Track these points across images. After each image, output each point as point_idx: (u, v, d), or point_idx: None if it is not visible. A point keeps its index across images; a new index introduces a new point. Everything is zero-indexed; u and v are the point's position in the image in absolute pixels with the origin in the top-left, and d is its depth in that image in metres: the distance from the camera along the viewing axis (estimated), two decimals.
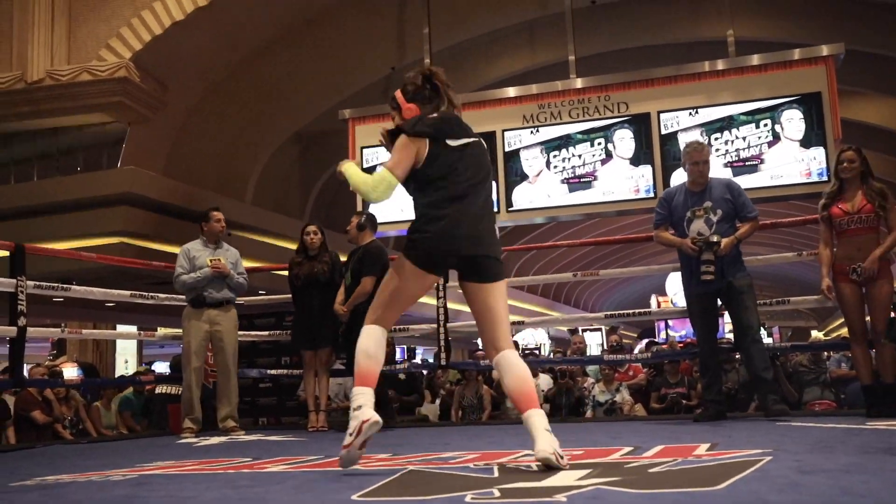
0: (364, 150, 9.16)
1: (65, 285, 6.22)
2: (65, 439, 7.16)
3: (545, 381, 9.26)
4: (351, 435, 2.97)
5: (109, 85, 11.79)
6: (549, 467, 2.81)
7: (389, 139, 3.31)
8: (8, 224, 11.99)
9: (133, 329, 17.08)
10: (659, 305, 26.57)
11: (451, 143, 3.20)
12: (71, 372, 10.06)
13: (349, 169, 3.34)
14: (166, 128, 13.03)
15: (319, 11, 13.06)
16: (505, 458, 3.20)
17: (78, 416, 8.05)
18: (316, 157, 16.09)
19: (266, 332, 7.53)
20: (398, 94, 3.40)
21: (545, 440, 2.90)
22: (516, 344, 12.87)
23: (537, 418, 2.98)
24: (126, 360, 18.93)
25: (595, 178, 8.40)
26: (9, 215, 12.25)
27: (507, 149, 8.69)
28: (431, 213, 3.13)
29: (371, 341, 3.13)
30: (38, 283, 5.81)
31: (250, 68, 13.41)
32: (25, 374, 8.66)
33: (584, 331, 22.91)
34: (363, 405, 3.02)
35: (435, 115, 3.28)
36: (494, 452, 3.47)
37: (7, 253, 5.74)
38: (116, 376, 15.37)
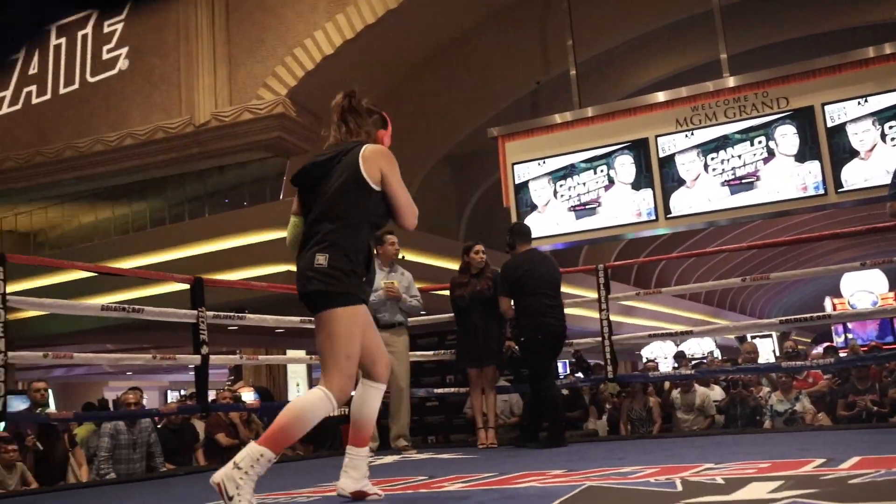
0: (515, 166, 9.18)
1: (240, 314, 6.55)
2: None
3: (714, 392, 8.93)
4: None
5: (268, 121, 12.41)
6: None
7: None
8: (185, 259, 12.80)
9: (303, 353, 17.78)
10: (834, 308, 25.07)
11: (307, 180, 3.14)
12: (249, 396, 10.59)
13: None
14: None
15: (462, 32, 13.26)
16: (687, 472, 3.09)
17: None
18: (467, 177, 16.30)
19: (431, 352, 7.64)
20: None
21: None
22: (682, 354, 12.53)
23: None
24: (297, 384, 19.69)
25: (757, 178, 8.06)
26: (186, 250, 13.08)
27: (661, 154, 8.49)
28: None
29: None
30: (216, 312, 6.15)
31: (398, 94, 13.76)
32: (210, 399, 9.19)
33: (753, 338, 21.95)
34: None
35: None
36: (675, 466, 3.35)
37: (188, 286, 6.10)
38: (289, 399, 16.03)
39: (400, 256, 6.58)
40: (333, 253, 2.91)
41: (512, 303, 5.85)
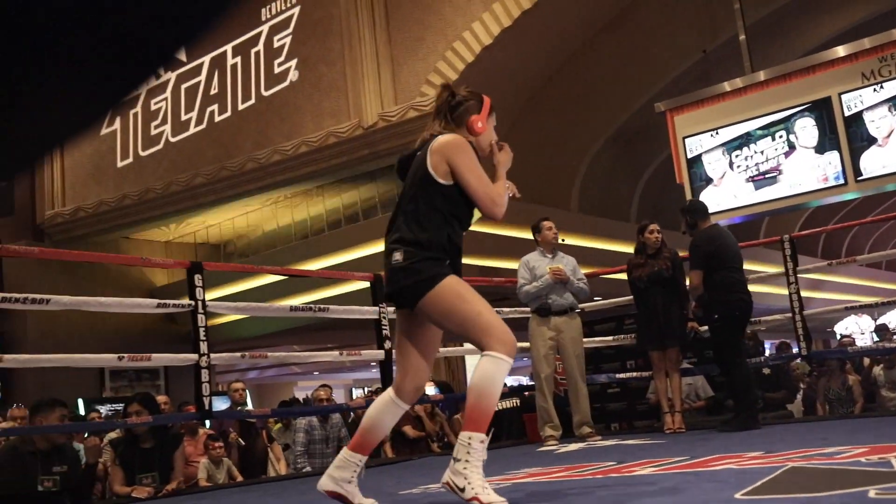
0: (686, 140, 8.85)
1: None
2: (434, 452, 7.68)
3: None
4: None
5: None
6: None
7: None
8: (364, 259, 13.23)
9: None
10: None
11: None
12: (430, 390, 10.81)
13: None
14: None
15: (621, 8, 12.94)
16: None
17: (443, 430, 8.60)
18: (636, 155, 15.91)
19: (610, 337, 7.51)
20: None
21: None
22: (885, 327, 11.64)
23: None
24: None
25: None
26: (363, 249, 13.51)
27: (846, 113, 7.91)
28: None
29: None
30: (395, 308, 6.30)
31: (561, 76, 13.62)
32: None
33: None
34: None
35: None
36: (888, 445, 3.11)
37: (368, 284, 6.30)
38: None
39: (560, 240, 6.51)
40: (408, 248, 2.84)
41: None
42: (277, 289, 13.33)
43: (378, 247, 13.42)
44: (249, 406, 9.85)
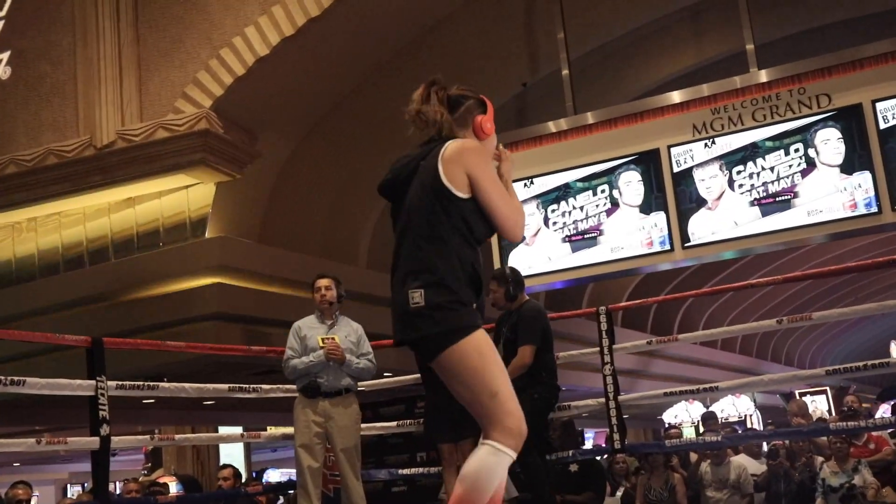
0: None
1: (152, 383, 6.49)
2: None
3: (752, 464, 8.92)
4: None
5: (189, 140, 12.38)
6: None
7: None
8: (84, 314, 12.67)
9: (238, 430, 17.64)
10: None
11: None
12: (173, 487, 10.47)
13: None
14: (260, 185, 13.53)
15: (430, 26, 13.35)
16: None
17: None
18: None
19: (394, 423, 7.60)
20: None
21: None
22: (713, 416, 12.51)
23: None
24: None
25: (795, 196, 8.14)
26: (85, 303, 12.95)
27: (675, 169, 8.56)
28: None
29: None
30: (120, 382, 6.08)
31: (352, 103, 13.80)
32: (117, 492, 9.05)
33: (803, 394, 22.01)
34: None
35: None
36: None
37: (84, 349, 6.04)
38: None
39: (338, 302, 6.54)
40: (427, 285, 2.92)
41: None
42: None
43: (104, 300, 12.96)
44: None
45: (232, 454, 19.71)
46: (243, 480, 17.09)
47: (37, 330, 9.72)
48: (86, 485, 28.09)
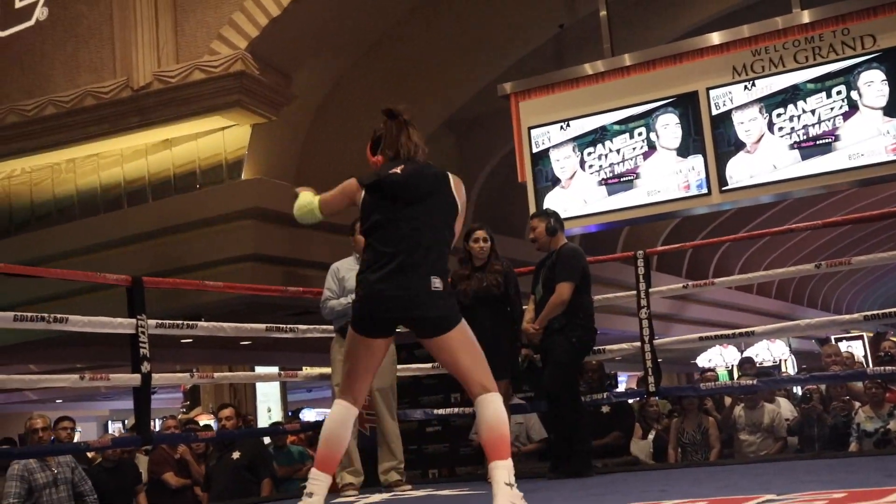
0: (532, 131, 9.16)
1: (191, 322, 6.57)
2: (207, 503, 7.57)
3: (786, 407, 8.92)
4: None
5: (224, 82, 12.41)
6: None
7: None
8: (123, 254, 12.81)
9: (275, 370, 17.83)
10: None
11: (393, 195, 3.95)
12: (211, 422, 10.65)
13: (302, 195, 4.25)
14: (295, 127, 13.56)
15: None
16: None
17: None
18: (475, 146, 16.28)
19: (429, 364, 7.66)
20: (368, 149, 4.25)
21: (504, 495, 3.57)
22: (750, 361, 12.50)
23: (499, 471, 3.62)
24: (269, 409, 19.79)
25: (836, 139, 8.02)
26: (124, 244, 13.08)
27: (714, 112, 8.44)
28: (366, 274, 3.87)
29: (333, 422, 3.83)
30: (160, 321, 6.16)
31: (390, 45, 13.73)
32: (156, 428, 9.23)
33: (838, 340, 21.90)
34: (314, 493, 3.73)
35: (396, 168, 4.01)
36: (727, 499, 3.36)
37: (124, 288, 6.12)
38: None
39: None
40: (444, 277, 3.83)
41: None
42: (13, 290, 12.70)
43: (141, 241, 13.09)
44: None
45: (268, 394, 19.99)
46: (279, 419, 17.36)
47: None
48: (125, 422, 28.63)
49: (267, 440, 8.93)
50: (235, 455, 7.76)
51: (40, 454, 6.73)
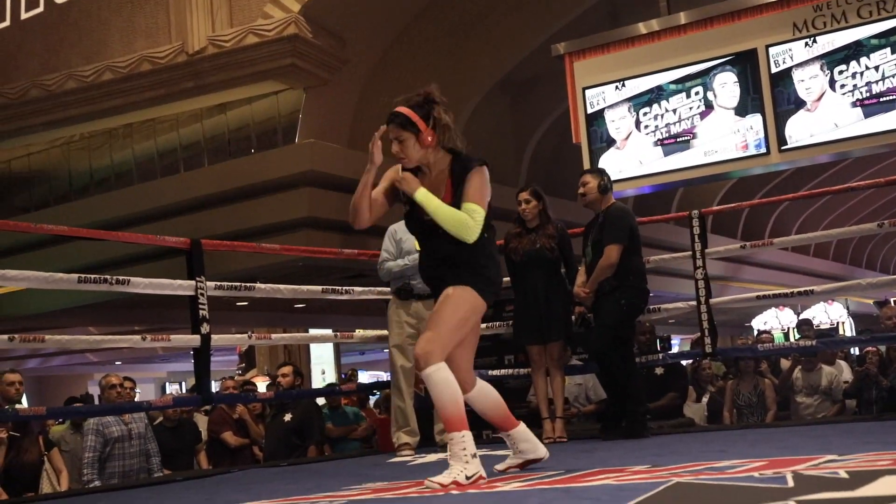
0: (587, 91, 9.08)
1: (248, 284, 6.64)
2: (262, 462, 7.67)
3: (846, 370, 8.83)
4: (468, 478, 3.50)
5: (278, 46, 12.44)
6: None
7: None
8: (181, 219, 12.96)
9: (328, 332, 17.99)
10: None
11: None
12: (263, 386, 10.78)
13: (430, 201, 3.87)
14: (348, 90, 13.57)
15: None
16: (802, 465, 3.07)
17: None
18: (527, 108, 16.18)
19: (483, 325, 7.66)
20: (408, 111, 3.92)
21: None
22: (808, 322, 12.36)
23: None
24: (323, 371, 20.00)
25: None
26: (181, 209, 13.24)
27: (773, 69, 8.30)
28: (491, 250, 3.96)
29: (450, 383, 3.69)
30: (218, 283, 6.23)
31: (442, 6, 13.66)
32: (214, 390, 9.36)
33: None
34: (476, 451, 3.65)
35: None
36: (787, 459, 3.33)
37: (183, 251, 6.19)
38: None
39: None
40: None
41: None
42: (73, 254, 12.93)
43: (199, 206, 13.23)
44: (25, 404, 9.53)
45: (322, 356, 20.19)
46: (333, 381, 17.54)
47: None
48: (182, 383, 29.11)
49: (321, 401, 9.01)
50: (287, 417, 7.85)
51: (101, 413, 6.89)
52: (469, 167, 3.89)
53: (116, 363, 26.40)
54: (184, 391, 24.12)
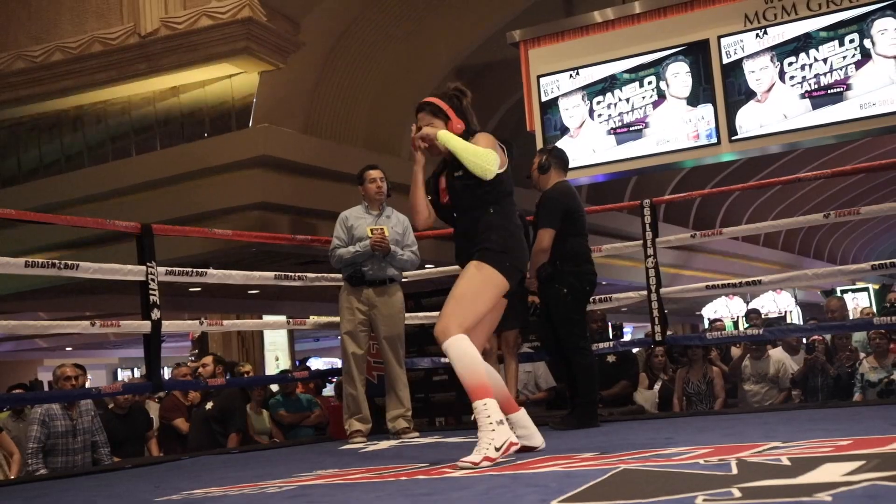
0: (541, 80, 9.11)
1: (200, 270, 6.59)
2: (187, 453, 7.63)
3: (791, 360, 8.95)
4: (497, 450, 3.57)
5: (232, 28, 12.33)
6: None
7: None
8: (131, 202, 12.83)
9: (282, 318, 17.91)
10: None
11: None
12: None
13: (451, 138, 3.98)
14: (302, 75, 13.49)
15: None
16: (746, 453, 3.12)
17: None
18: (483, 94, 16.15)
19: (435, 313, 7.68)
20: (439, 101, 4.17)
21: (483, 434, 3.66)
22: (756, 311, 12.53)
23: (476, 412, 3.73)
24: (277, 357, 19.92)
25: (847, 88, 7.96)
26: (131, 192, 13.09)
27: (725, 60, 8.38)
28: (512, 228, 4.04)
29: (472, 355, 3.79)
30: (169, 269, 6.18)
31: None
32: (166, 376, 9.30)
33: (844, 292, 21.94)
34: (501, 418, 3.70)
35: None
36: (732, 446, 3.38)
37: (134, 235, 6.12)
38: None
39: (387, 196, 6.51)
40: None
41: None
42: (21, 238, 12.76)
43: (150, 189, 13.10)
44: None
45: (276, 342, 20.10)
46: (287, 367, 17.47)
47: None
48: (135, 370, 28.87)
49: (275, 388, 8.98)
50: (208, 405, 7.82)
51: (46, 400, 6.81)
52: (474, 134, 4.10)
53: (67, 349, 26.12)
54: (136, 377, 23.93)
